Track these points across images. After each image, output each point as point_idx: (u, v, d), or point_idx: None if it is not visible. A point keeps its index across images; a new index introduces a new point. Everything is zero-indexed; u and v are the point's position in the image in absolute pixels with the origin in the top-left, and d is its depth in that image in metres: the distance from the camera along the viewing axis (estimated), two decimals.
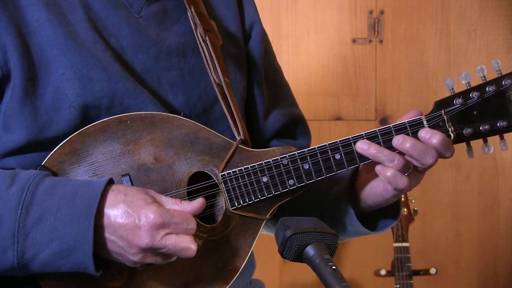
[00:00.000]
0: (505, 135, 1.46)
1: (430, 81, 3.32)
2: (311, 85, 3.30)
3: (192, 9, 1.53)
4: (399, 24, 3.31)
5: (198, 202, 1.35)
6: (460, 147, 1.51)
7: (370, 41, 3.31)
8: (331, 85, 3.32)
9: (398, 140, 1.43)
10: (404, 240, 2.97)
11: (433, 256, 3.37)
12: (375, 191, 1.50)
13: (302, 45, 3.30)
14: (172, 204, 1.34)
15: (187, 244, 1.31)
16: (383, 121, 3.33)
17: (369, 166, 1.50)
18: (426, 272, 3.04)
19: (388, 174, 1.44)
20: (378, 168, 1.45)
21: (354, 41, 3.31)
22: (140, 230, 1.29)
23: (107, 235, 1.30)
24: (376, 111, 3.34)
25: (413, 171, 1.45)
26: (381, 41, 3.31)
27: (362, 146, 1.44)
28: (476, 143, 1.48)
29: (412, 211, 3.03)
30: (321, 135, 3.27)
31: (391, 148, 1.44)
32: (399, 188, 1.44)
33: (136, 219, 1.29)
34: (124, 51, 1.48)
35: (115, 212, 1.30)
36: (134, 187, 1.36)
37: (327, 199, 1.59)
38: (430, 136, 1.43)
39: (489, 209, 3.38)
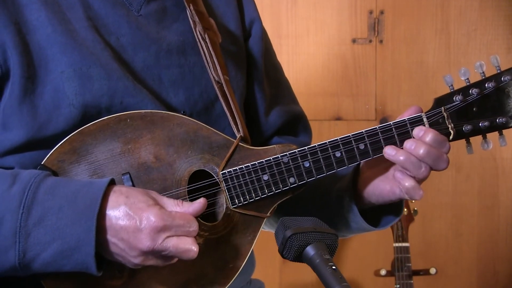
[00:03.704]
0: (504, 131, 1.46)
1: (430, 81, 3.32)
2: (311, 85, 3.30)
3: (191, 7, 1.53)
4: (399, 24, 3.31)
5: (199, 204, 1.34)
6: (460, 147, 1.51)
7: (370, 41, 3.31)
8: (331, 85, 3.32)
9: (411, 145, 1.43)
10: (404, 240, 2.97)
11: (433, 256, 3.37)
12: (381, 192, 1.51)
13: (302, 45, 3.30)
14: (173, 205, 1.33)
15: (188, 246, 1.30)
16: (383, 121, 3.32)
17: (371, 162, 1.50)
18: (426, 272, 3.03)
19: (407, 185, 1.44)
20: (398, 175, 1.45)
21: (354, 41, 3.31)
22: (142, 233, 1.28)
23: (108, 237, 1.30)
24: (376, 111, 3.34)
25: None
26: (381, 41, 3.31)
27: (390, 152, 1.44)
28: (476, 140, 1.48)
29: (412, 211, 3.03)
30: (321, 135, 3.26)
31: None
32: (414, 198, 1.46)
33: (138, 222, 1.28)
34: (124, 50, 1.48)
35: (117, 214, 1.29)
36: (136, 189, 1.36)
37: (330, 196, 1.59)
38: (423, 134, 1.43)
39: (489, 209, 3.38)
